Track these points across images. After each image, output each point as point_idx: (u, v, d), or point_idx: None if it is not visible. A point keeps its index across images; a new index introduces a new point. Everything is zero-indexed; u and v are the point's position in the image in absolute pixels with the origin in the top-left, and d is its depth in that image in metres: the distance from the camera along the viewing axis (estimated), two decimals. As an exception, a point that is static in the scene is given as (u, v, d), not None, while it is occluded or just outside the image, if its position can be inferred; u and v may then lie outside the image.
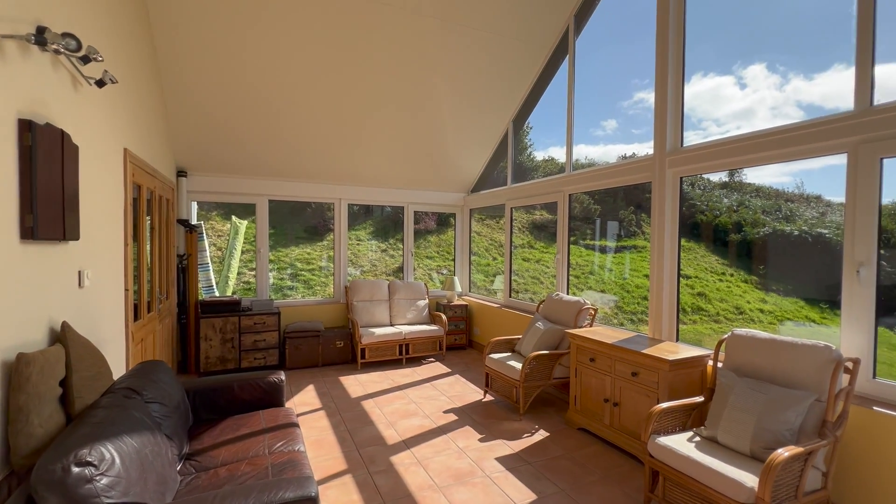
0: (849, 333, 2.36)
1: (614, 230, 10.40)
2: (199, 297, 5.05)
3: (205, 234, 5.21)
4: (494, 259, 9.78)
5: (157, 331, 3.72)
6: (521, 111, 5.33)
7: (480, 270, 9.67)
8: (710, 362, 2.81)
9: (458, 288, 6.05)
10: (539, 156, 10.78)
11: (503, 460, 2.98)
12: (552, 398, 4.14)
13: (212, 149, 4.71)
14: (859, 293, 2.32)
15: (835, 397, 2.16)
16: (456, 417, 3.68)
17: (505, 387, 3.89)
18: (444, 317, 5.47)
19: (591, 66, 4.84)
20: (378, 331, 5.12)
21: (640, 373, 2.91)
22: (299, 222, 9.79)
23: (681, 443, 2.34)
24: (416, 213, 6.38)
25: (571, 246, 4.66)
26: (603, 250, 10.29)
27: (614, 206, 11.25)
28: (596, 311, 3.92)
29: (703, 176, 10.48)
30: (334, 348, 5.16)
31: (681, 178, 3.31)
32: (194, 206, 5.14)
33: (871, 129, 2.26)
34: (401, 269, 6.37)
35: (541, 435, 3.37)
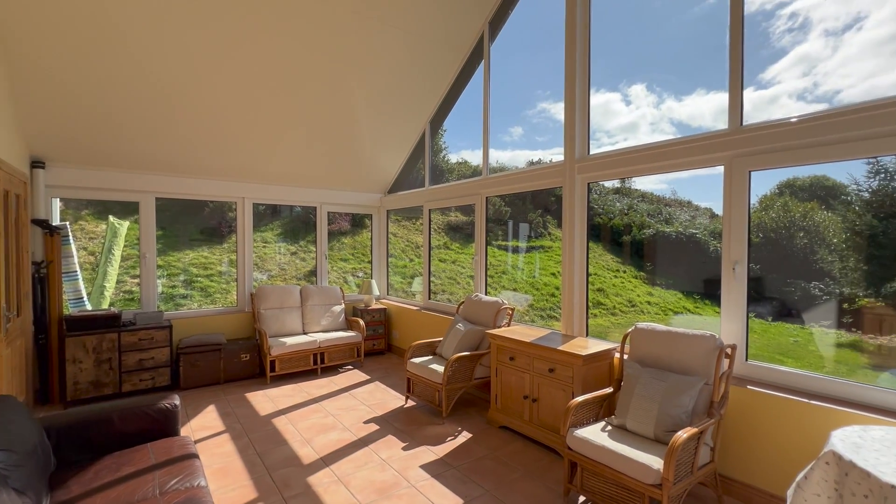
0: (727, 323, 2.70)
1: (525, 231, 10.94)
2: (65, 312, 4.24)
3: (71, 237, 4.38)
4: (412, 260, 9.73)
5: (2, 356, 3.03)
6: (438, 113, 5.34)
7: (398, 272, 9.56)
8: (617, 355, 3.04)
9: (376, 291, 5.88)
10: (453, 158, 10.98)
11: (428, 467, 2.92)
12: (474, 399, 4.19)
13: (80, 137, 3.98)
14: (735, 287, 2.66)
15: (718, 380, 2.46)
16: (377, 427, 3.54)
17: (427, 391, 3.85)
18: (361, 322, 5.27)
19: (502, 75, 5.02)
20: (290, 340, 4.76)
21: (556, 369, 3.05)
22: (195, 223, 8.78)
23: (595, 433, 2.48)
24: (329, 213, 6.08)
25: (486, 247, 4.78)
26: (515, 251, 10.80)
27: (524, 209, 11.86)
28: (513, 310, 4.05)
29: (600, 182, 11.56)
30: (239, 362, 4.68)
31: (588, 183, 3.55)
32: (56, 203, 4.31)
33: (741, 145, 2.61)
34: (314, 273, 6.01)
35: (464, 437, 3.37)
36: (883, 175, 5.87)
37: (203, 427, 3.54)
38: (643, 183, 11.54)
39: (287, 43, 3.88)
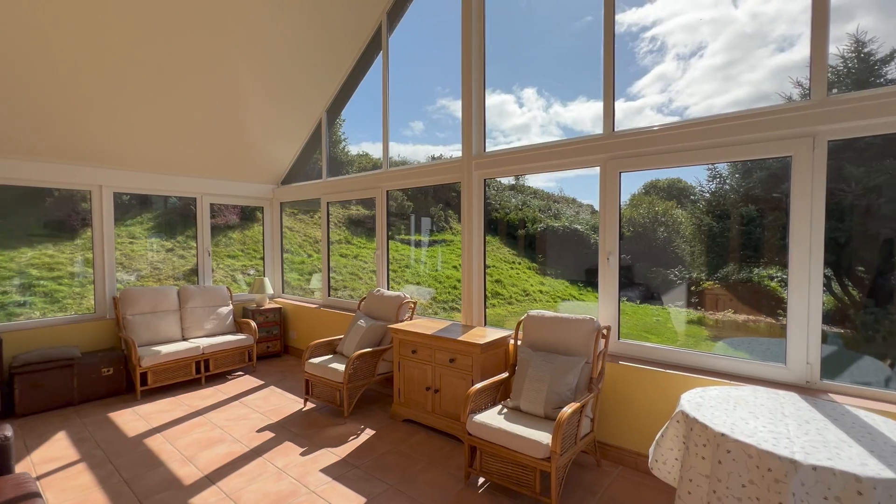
0: (603, 307, 3.04)
1: (427, 226, 11.08)
2: None
3: None
4: (310, 256, 9.25)
5: None
6: (335, 102, 5.12)
7: (295, 269, 9.02)
8: (512, 341, 3.23)
9: (270, 290, 5.48)
10: (353, 150, 10.69)
11: (329, 470, 2.81)
12: (377, 395, 4.13)
13: None
14: (609, 275, 3.00)
15: (597, 358, 2.75)
16: (273, 434, 3.31)
17: (327, 391, 3.70)
18: (253, 323, 4.87)
19: (403, 68, 5.00)
20: (165, 348, 4.20)
21: (456, 359, 3.14)
22: (34, 215, 7.26)
23: (492, 417, 2.61)
24: (213, 205, 5.48)
25: (389, 241, 4.74)
26: (417, 245, 10.89)
27: (426, 203, 12.00)
28: (416, 304, 4.07)
29: (497, 178, 12.16)
30: (99, 378, 4.01)
31: (484, 179, 3.70)
32: None
33: (613, 149, 2.94)
34: (195, 272, 5.38)
35: (368, 434, 3.32)
36: (718, 179, 7.10)
37: (49, 459, 2.96)
38: (535, 181, 12.42)
39: (160, 10, 3.37)
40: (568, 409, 2.36)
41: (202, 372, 4.42)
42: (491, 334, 3.26)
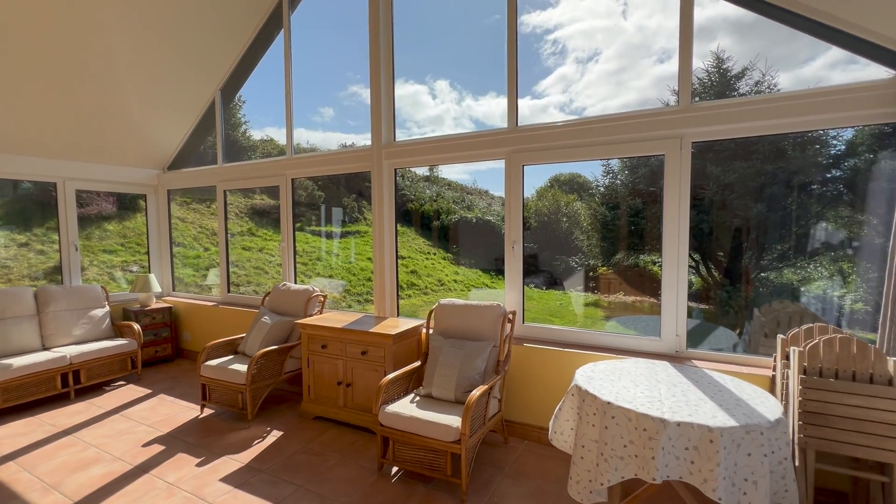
0: (509, 293, 3.20)
1: (339, 216, 10.72)
2: None
3: None
4: (207, 250, 8.41)
5: None
6: (231, 81, 4.68)
7: (190, 264, 8.14)
8: (424, 330, 3.27)
9: (157, 288, 4.89)
10: (256, 135, 9.93)
11: (231, 478, 2.61)
12: (285, 394, 3.93)
13: None
14: (514, 263, 3.17)
15: (503, 342, 2.90)
16: (163, 448, 2.98)
17: (228, 395, 3.42)
18: (136, 326, 4.31)
19: (309, 51, 4.72)
20: (18, 361, 3.55)
21: (368, 351, 3.10)
22: None
23: (404, 406, 2.63)
24: (81, 193, 4.72)
25: (298, 233, 4.49)
26: (329, 236, 10.50)
27: (338, 193, 11.58)
28: (325, 297, 3.93)
29: (411, 169, 12.14)
30: (-77, 403, 3.26)
31: (395, 169, 3.67)
32: None
33: (517, 143, 3.08)
34: (58, 271, 4.61)
35: (274, 436, 3.14)
36: (611, 175, 7.86)
37: None
38: (449, 172, 12.61)
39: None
40: (476, 392, 2.46)
41: (70, 385, 3.82)
42: (404, 324, 3.27)
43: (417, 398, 2.77)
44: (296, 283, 4.28)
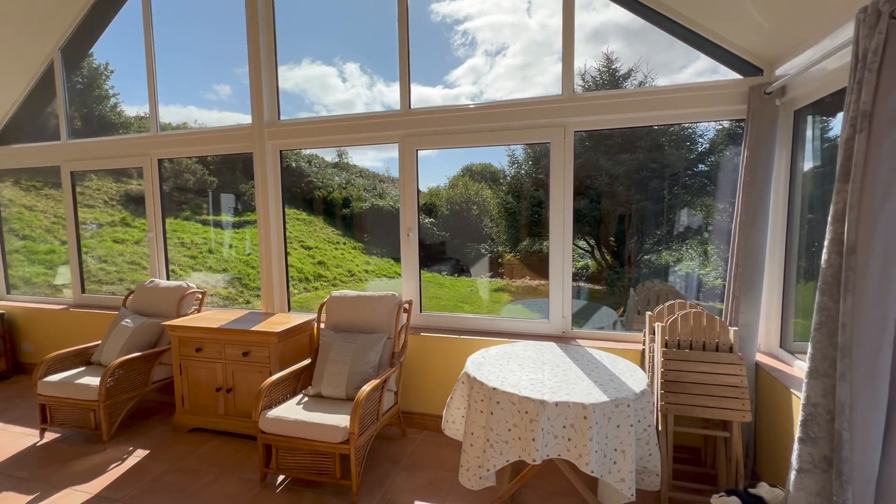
0: (406, 282, 3.10)
1: (230, 203, 9.79)
2: None
3: None
4: (64, 243, 7.12)
5: None
6: (76, 39, 3.90)
7: (40, 261, 6.82)
8: (317, 325, 3.05)
9: (-15, 291, 3.99)
10: (131, 111, 8.64)
11: (73, 515, 2.19)
12: (156, 406, 3.44)
13: None
14: (410, 251, 3.07)
15: (398, 333, 2.80)
16: (-19, 488, 2.42)
17: (76, 414, 2.89)
18: (-48, 339, 3.47)
19: (198, 20, 4.11)
20: None
21: (251, 351, 2.81)
22: None
23: (290, 409, 2.41)
24: None
25: (185, 222, 3.94)
26: (222, 226, 9.54)
27: (234, 179, 10.56)
28: (204, 294, 3.50)
29: (319, 154, 11.48)
30: None
31: (280, 151, 3.34)
32: None
33: (410, 126, 2.96)
34: None
35: (138, 456, 2.72)
36: (516, 165, 8.13)
37: None
38: (360, 159, 12.15)
39: None
40: (366, 388, 2.33)
41: None
42: (293, 320, 3.01)
43: (306, 399, 2.56)
44: (168, 279, 3.76)
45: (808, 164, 2.31)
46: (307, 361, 2.80)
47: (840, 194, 1.47)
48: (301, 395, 2.61)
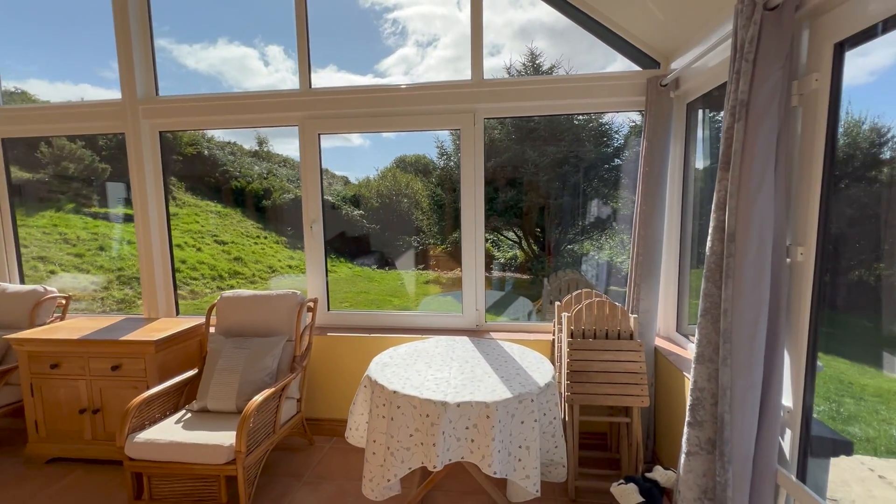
0: (311, 278, 2.86)
1: (119, 194, 8.72)
2: None
3: None
4: None
5: None
6: None
7: None
8: (211, 329, 2.71)
9: None
10: (9, 85, 7.35)
11: None
12: (6, 435, 2.89)
13: None
14: (314, 245, 2.82)
15: (301, 335, 2.56)
16: None
17: None
18: None
19: None
20: None
21: (122, 364, 2.41)
22: None
23: (165, 430, 2.09)
24: None
25: (73, 215, 3.33)
26: (110, 218, 8.46)
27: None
28: (68, 299, 2.98)
29: (236, 143, 10.57)
30: None
31: (160, 132, 2.91)
32: None
33: (311, 107, 2.70)
34: None
35: (-28, 500, 2.23)
36: (446, 157, 8.03)
37: None
38: (284, 148, 11.39)
39: None
40: (258, 398, 2.08)
41: None
42: (178, 325, 2.65)
43: (188, 415, 2.25)
44: (23, 281, 3.17)
45: (699, 155, 2.41)
46: (193, 372, 2.46)
47: (721, 182, 1.49)
48: (183, 412, 2.28)
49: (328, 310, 2.90)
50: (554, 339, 2.52)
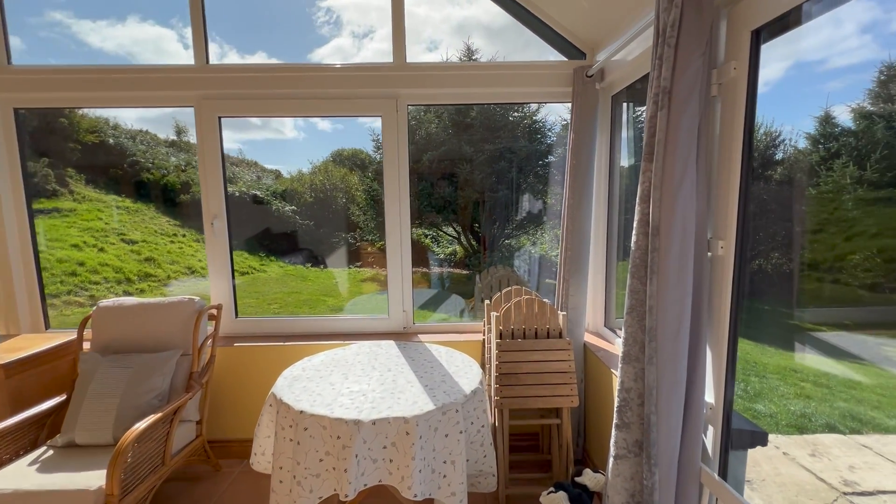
0: (215, 282, 2.51)
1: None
2: None
3: None
4: None
5: None
6: None
7: None
8: (87, 345, 2.29)
9: None
10: None
11: None
12: None
13: None
14: (217, 244, 2.48)
15: (200, 347, 2.22)
16: None
17: None
18: None
19: None
20: None
21: (-40, 395, 1.95)
22: None
23: (13, 475, 1.70)
24: None
25: None
26: None
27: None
28: None
29: (150, 131, 9.49)
30: None
31: (15, 108, 2.40)
32: None
33: (208, 86, 2.35)
34: None
35: None
36: (381, 151, 7.75)
37: None
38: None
39: None
40: (141, 426, 1.75)
41: None
42: (49, 341, 2.20)
43: (49, 453, 1.85)
44: None
45: (625, 154, 2.39)
46: (61, 398, 2.05)
47: (645, 174, 1.42)
48: (43, 449, 1.88)
49: (236, 317, 2.57)
50: (484, 340, 2.41)
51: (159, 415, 1.86)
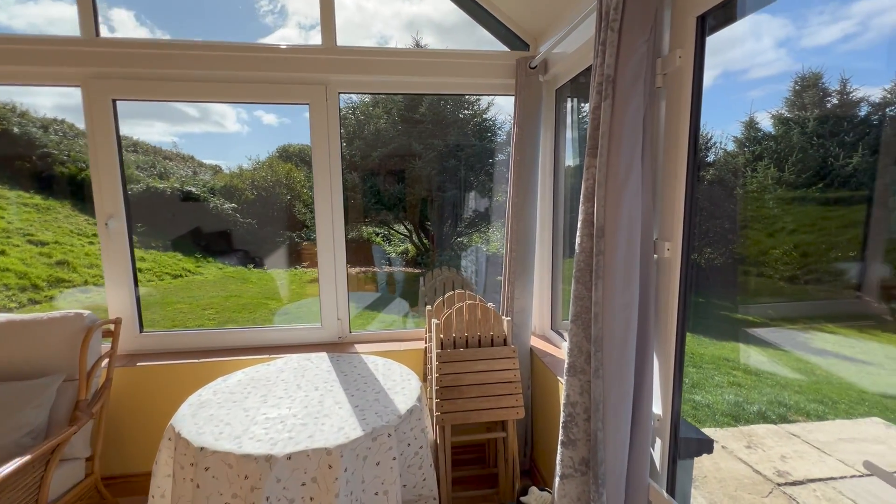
0: (112, 291, 2.16)
1: None
2: None
3: None
4: None
5: None
6: None
7: None
8: (-64, 374, 1.87)
9: None
10: None
11: None
12: None
13: None
14: (115, 248, 2.13)
15: (91, 370, 1.88)
16: None
17: None
18: None
19: None
20: None
21: None
22: None
23: None
24: None
25: None
26: None
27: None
28: None
29: (66, 120, 8.47)
30: None
31: None
32: None
33: (100, 62, 2.00)
34: None
35: None
36: (344, 144, 7.40)
37: None
38: (141, 133, 9.55)
39: None
40: (3, 471, 1.41)
41: None
42: None
43: None
44: None
45: (569, 154, 2.30)
46: None
47: (590, 170, 1.30)
48: None
49: (140, 331, 2.23)
50: (426, 349, 2.24)
51: (27, 458, 1.53)
